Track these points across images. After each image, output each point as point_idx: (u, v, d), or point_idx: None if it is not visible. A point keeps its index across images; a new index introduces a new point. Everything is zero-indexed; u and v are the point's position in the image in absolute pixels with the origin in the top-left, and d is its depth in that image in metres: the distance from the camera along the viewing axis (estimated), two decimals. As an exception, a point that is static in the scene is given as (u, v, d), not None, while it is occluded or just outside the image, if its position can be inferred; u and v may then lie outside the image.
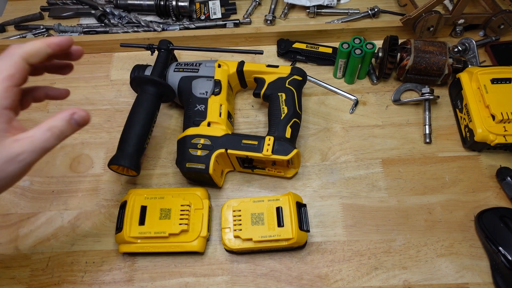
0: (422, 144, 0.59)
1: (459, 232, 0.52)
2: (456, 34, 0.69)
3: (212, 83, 0.58)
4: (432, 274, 0.50)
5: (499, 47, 0.66)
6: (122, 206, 0.51)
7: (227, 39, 0.69)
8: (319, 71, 0.67)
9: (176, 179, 0.57)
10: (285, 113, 0.55)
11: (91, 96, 0.66)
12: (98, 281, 0.50)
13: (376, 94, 0.64)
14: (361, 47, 0.60)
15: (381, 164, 0.58)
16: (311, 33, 0.68)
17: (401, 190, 0.55)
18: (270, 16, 0.72)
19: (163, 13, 0.73)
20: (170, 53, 0.61)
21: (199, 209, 0.51)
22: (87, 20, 0.75)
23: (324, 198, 0.55)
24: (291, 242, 0.48)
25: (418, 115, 0.62)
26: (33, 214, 0.55)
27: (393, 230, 0.53)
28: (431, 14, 0.63)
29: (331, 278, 0.50)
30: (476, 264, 0.50)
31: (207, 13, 0.74)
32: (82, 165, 0.59)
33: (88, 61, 0.70)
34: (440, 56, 0.60)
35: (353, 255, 0.51)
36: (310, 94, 0.65)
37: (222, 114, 0.56)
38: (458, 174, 0.57)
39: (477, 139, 0.55)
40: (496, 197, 0.55)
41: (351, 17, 0.73)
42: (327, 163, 0.58)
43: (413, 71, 0.61)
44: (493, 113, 0.54)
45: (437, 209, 0.54)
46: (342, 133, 0.61)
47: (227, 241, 0.49)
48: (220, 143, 0.52)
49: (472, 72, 0.58)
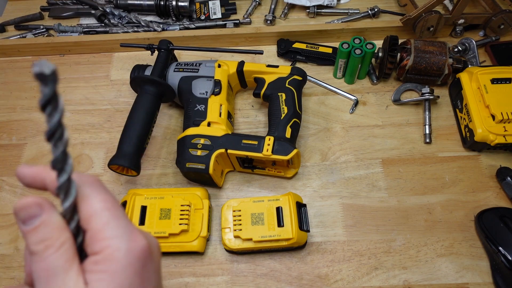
0: (422, 144, 0.59)
1: (459, 232, 0.52)
2: (456, 34, 0.69)
3: (212, 83, 0.58)
4: (432, 274, 0.50)
5: (499, 47, 0.66)
6: (122, 206, 0.51)
7: (227, 39, 0.69)
8: (319, 71, 0.67)
9: (176, 179, 0.57)
10: (285, 113, 0.55)
11: (91, 96, 0.66)
12: (98, 281, 0.50)
13: (376, 94, 0.64)
14: (361, 47, 0.60)
15: (381, 164, 0.58)
16: (311, 33, 0.68)
17: (401, 190, 0.55)
18: (270, 16, 0.72)
19: (163, 13, 0.73)
20: (170, 53, 0.61)
21: (199, 209, 0.51)
22: (87, 20, 0.75)
23: (324, 198, 0.55)
24: (291, 242, 0.48)
25: (418, 115, 0.62)
26: (33, 214, 0.55)
27: (393, 230, 0.53)
28: (431, 14, 0.63)
29: (331, 278, 0.50)
30: (476, 264, 0.50)
31: (207, 13, 0.74)
32: (82, 165, 0.59)
33: (88, 61, 0.70)
34: (440, 56, 0.60)
35: (353, 255, 0.51)
36: (310, 94, 0.65)
37: (222, 114, 0.56)
38: (458, 174, 0.57)
39: (477, 139, 0.55)
40: (496, 197, 0.55)
41: (351, 17, 0.73)
42: (327, 163, 0.58)
43: (413, 71, 0.61)
44: (493, 113, 0.54)
45: (437, 209, 0.54)
46: (342, 133, 0.61)
47: (227, 241, 0.49)
48: (220, 143, 0.52)
49: (472, 72, 0.58)
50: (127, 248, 0.22)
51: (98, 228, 0.22)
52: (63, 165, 0.20)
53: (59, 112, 0.19)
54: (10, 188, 0.58)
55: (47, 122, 0.19)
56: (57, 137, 0.20)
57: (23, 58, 0.71)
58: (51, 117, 0.19)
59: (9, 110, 0.65)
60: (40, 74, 0.18)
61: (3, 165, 0.60)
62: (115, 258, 0.22)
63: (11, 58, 0.71)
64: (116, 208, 0.23)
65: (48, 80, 0.18)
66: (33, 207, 0.22)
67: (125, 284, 0.22)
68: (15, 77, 0.69)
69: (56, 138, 0.20)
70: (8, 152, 0.61)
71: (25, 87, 0.68)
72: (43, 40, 0.70)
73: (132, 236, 0.23)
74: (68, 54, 0.71)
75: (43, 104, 0.19)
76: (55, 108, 0.19)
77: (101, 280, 0.21)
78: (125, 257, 0.22)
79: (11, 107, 0.66)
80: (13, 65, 0.70)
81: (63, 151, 0.20)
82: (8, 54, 0.71)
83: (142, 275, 0.23)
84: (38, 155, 0.61)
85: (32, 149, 0.61)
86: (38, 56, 0.71)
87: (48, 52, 0.71)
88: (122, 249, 0.22)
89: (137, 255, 0.22)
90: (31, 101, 0.66)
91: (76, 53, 0.71)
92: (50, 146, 0.20)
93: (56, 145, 0.20)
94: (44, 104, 0.19)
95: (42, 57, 0.71)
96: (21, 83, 0.68)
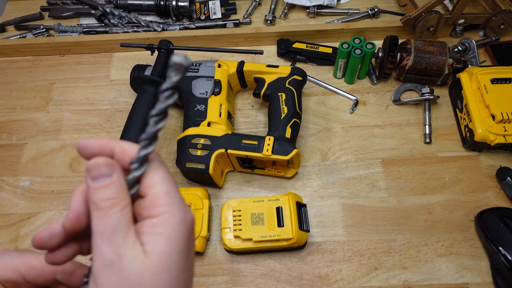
0: (422, 144, 0.59)
1: (459, 232, 0.52)
2: (456, 34, 0.69)
3: (212, 83, 0.58)
4: (432, 274, 0.50)
5: (499, 47, 0.66)
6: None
7: (227, 39, 0.69)
8: (319, 71, 0.67)
9: (176, 179, 0.57)
10: (285, 113, 0.55)
11: (91, 96, 0.66)
12: (98, 281, 0.50)
13: (376, 94, 0.64)
14: (361, 47, 0.60)
15: (381, 164, 0.58)
16: (311, 33, 0.68)
17: (401, 190, 0.55)
18: (270, 16, 0.72)
19: (163, 13, 0.73)
20: (170, 53, 0.61)
21: (199, 209, 0.51)
22: (87, 20, 0.75)
23: (324, 198, 0.55)
24: (291, 242, 0.48)
25: (418, 115, 0.62)
26: (33, 214, 0.55)
27: (393, 230, 0.53)
28: (431, 14, 0.63)
29: (331, 278, 0.50)
30: (476, 264, 0.50)
31: (207, 13, 0.74)
32: (82, 165, 0.59)
33: (88, 61, 0.70)
34: (440, 56, 0.60)
35: (353, 255, 0.51)
36: (310, 94, 0.65)
37: (222, 114, 0.56)
38: (458, 174, 0.57)
39: (477, 139, 0.55)
40: (496, 197, 0.55)
41: (351, 17, 0.73)
42: (327, 163, 0.58)
43: (413, 71, 0.61)
44: (493, 113, 0.54)
45: (437, 209, 0.54)
46: (342, 133, 0.61)
47: (227, 241, 0.49)
48: (220, 143, 0.52)
49: (472, 72, 0.58)
50: (181, 217, 0.24)
51: (159, 195, 0.24)
52: (152, 141, 0.23)
53: (173, 99, 0.22)
54: (10, 188, 0.58)
55: (161, 103, 0.22)
56: (161, 117, 0.23)
57: (23, 58, 0.71)
58: (167, 99, 0.22)
59: (9, 110, 0.65)
60: (179, 64, 0.21)
61: (3, 165, 0.60)
62: (172, 224, 0.23)
63: (11, 58, 0.71)
64: (174, 181, 0.25)
65: (181, 71, 0.22)
66: (105, 167, 0.23)
67: (177, 248, 0.23)
68: (15, 77, 0.69)
69: (160, 117, 0.23)
70: (8, 152, 0.61)
71: (25, 87, 0.68)
72: (43, 40, 0.70)
73: (185, 208, 0.25)
74: (68, 54, 0.71)
75: (166, 88, 0.22)
76: (172, 94, 0.22)
77: (157, 242, 0.23)
78: (179, 224, 0.24)
79: (11, 107, 0.66)
80: (13, 65, 0.70)
81: (157, 130, 0.23)
82: (8, 54, 0.71)
83: (189, 244, 0.24)
84: (38, 155, 0.61)
85: (32, 149, 0.61)
86: (38, 56, 0.71)
87: (48, 52, 0.71)
88: (178, 217, 0.24)
89: (188, 225, 0.24)
90: (31, 101, 0.66)
91: (76, 53, 0.71)
92: (151, 120, 0.23)
93: (156, 122, 0.23)
94: (167, 88, 0.22)
95: (42, 57, 0.71)
96: (21, 83, 0.68)
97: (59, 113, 0.65)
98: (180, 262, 0.23)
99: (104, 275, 0.22)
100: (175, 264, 0.23)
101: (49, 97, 0.66)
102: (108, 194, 0.23)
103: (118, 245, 0.22)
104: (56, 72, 0.69)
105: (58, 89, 0.67)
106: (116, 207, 0.23)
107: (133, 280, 0.22)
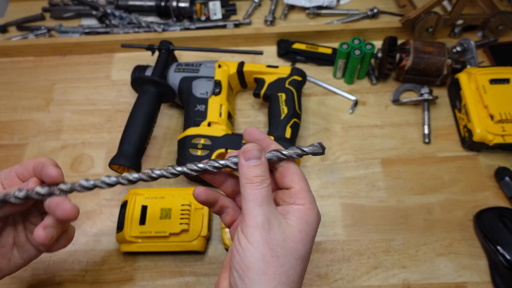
0: (421, 144, 0.60)
1: (458, 232, 0.52)
2: (454, 35, 0.69)
3: (212, 84, 0.58)
4: (431, 273, 0.50)
5: (498, 48, 0.67)
6: (123, 206, 0.52)
7: (227, 39, 0.69)
8: (318, 71, 0.67)
9: (176, 179, 0.58)
10: (285, 113, 0.55)
11: (92, 97, 0.66)
12: (99, 280, 0.50)
13: (376, 95, 0.64)
14: (360, 48, 0.60)
15: (380, 164, 0.58)
16: (310, 33, 0.68)
17: (401, 190, 0.56)
18: (270, 17, 0.72)
19: (164, 14, 0.73)
20: (171, 54, 0.61)
21: (199, 209, 0.51)
22: (88, 21, 0.76)
23: (323, 198, 0.55)
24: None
25: (417, 115, 0.62)
26: (35, 214, 0.56)
27: (392, 229, 0.53)
28: (430, 15, 0.63)
29: (330, 278, 0.50)
30: (475, 264, 0.50)
31: (207, 14, 0.74)
32: (83, 165, 0.59)
33: (89, 61, 0.71)
34: (439, 56, 0.60)
35: (353, 255, 0.51)
36: (310, 94, 0.65)
37: (222, 114, 0.56)
38: (457, 174, 0.57)
39: (476, 139, 0.55)
40: (495, 196, 0.55)
41: (351, 18, 0.73)
42: (327, 163, 0.58)
43: (412, 72, 0.62)
44: (492, 113, 0.55)
45: (436, 208, 0.54)
46: (342, 133, 0.61)
47: (227, 240, 0.49)
48: (220, 143, 0.53)
49: (471, 72, 0.58)
50: (317, 212, 0.32)
51: (304, 190, 0.32)
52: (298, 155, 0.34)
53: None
54: (12, 188, 0.58)
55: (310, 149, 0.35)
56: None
57: (24, 59, 0.71)
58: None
59: (11, 110, 0.66)
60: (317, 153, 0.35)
61: (5, 165, 0.60)
62: (311, 214, 0.31)
63: (13, 59, 0.72)
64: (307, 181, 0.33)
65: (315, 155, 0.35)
66: (257, 151, 0.32)
67: (311, 232, 0.31)
68: (17, 78, 0.69)
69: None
70: (10, 152, 0.61)
71: (27, 87, 0.68)
72: (44, 40, 0.70)
73: (316, 207, 0.32)
74: (69, 54, 0.71)
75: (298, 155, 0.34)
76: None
77: (299, 221, 0.31)
78: (315, 216, 0.32)
79: (13, 108, 0.66)
80: (14, 65, 0.71)
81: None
82: (10, 55, 0.71)
83: (313, 236, 0.31)
84: (40, 155, 0.61)
85: (34, 149, 0.61)
86: (40, 57, 0.71)
87: (50, 53, 0.71)
88: (315, 210, 0.32)
89: (318, 220, 0.32)
90: (33, 102, 0.66)
91: (77, 53, 0.71)
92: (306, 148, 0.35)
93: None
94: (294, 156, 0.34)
95: (44, 57, 0.71)
96: (23, 83, 0.69)
97: (60, 113, 0.65)
98: (310, 244, 0.31)
99: (257, 231, 0.29)
100: (307, 241, 0.30)
101: (50, 97, 0.67)
102: (258, 172, 0.31)
103: (267, 212, 0.30)
104: (57, 72, 0.70)
105: (59, 89, 0.68)
106: (265, 182, 0.31)
107: (279, 241, 0.29)
